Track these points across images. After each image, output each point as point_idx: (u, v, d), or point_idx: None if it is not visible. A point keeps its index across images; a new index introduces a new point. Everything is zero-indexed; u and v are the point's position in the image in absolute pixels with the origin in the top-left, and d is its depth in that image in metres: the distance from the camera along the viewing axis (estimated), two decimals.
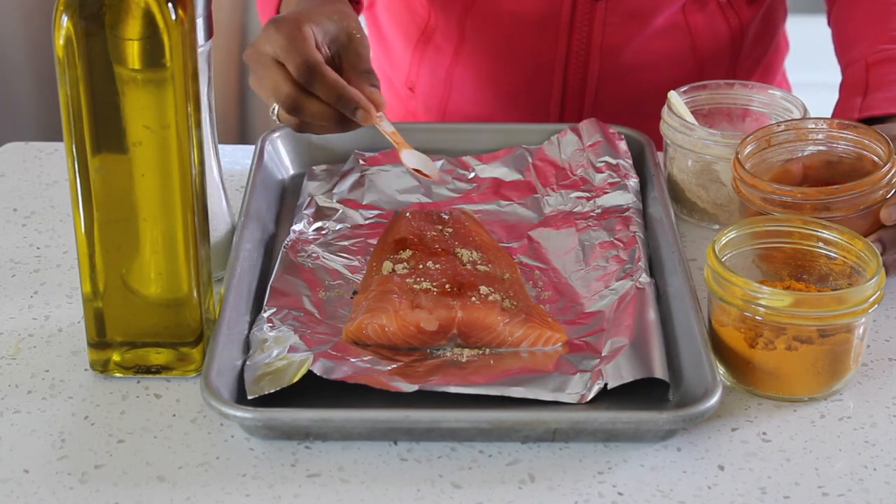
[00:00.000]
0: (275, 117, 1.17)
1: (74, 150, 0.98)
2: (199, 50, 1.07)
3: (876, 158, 1.14)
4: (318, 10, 1.20)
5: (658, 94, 1.29)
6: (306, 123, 1.17)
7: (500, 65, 1.44)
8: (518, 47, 1.42)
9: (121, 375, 1.04)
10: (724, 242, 1.05)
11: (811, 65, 1.68)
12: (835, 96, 1.30)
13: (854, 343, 1.02)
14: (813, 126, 1.18)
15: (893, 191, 1.11)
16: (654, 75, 1.43)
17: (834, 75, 1.35)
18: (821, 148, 1.18)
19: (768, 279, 1.08)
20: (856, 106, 1.24)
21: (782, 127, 1.19)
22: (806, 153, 1.17)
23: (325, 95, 1.14)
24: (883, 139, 1.14)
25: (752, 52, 1.48)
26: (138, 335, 1.03)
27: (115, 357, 1.03)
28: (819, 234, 1.06)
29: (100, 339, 1.03)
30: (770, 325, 1.00)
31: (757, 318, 1.00)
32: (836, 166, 1.16)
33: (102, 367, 1.04)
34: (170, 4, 0.94)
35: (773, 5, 1.49)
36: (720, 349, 1.04)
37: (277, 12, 1.34)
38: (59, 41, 0.94)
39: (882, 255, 1.06)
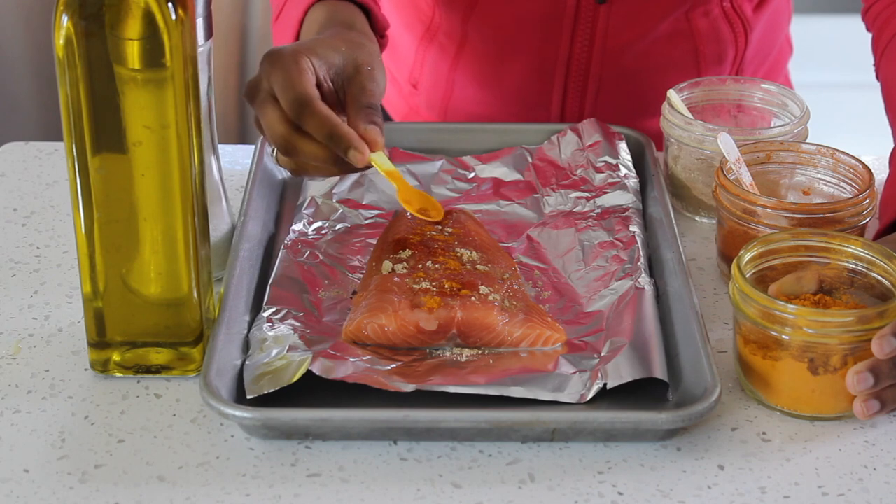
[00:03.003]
0: (274, 158, 1.12)
1: (74, 149, 0.98)
2: (199, 50, 1.07)
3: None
4: (323, 41, 1.13)
5: (659, 98, 1.29)
6: (303, 166, 1.10)
7: (502, 65, 1.44)
8: (520, 48, 1.42)
9: (121, 375, 1.04)
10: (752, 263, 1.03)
11: (815, 65, 1.68)
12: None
13: None
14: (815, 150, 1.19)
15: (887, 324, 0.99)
16: (656, 79, 1.43)
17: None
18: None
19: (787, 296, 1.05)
20: None
21: (785, 145, 1.19)
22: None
23: (317, 133, 1.06)
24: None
25: (756, 56, 1.48)
26: (138, 335, 1.03)
27: (115, 357, 1.03)
28: (811, 243, 1.06)
29: (100, 339, 1.03)
30: (832, 347, 0.98)
31: (822, 342, 0.98)
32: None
33: (102, 367, 1.04)
34: (170, 4, 0.94)
35: (778, 9, 1.48)
36: (765, 375, 1.01)
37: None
38: (59, 41, 0.94)
39: (873, 387, 0.98)
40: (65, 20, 0.93)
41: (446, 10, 1.43)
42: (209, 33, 1.09)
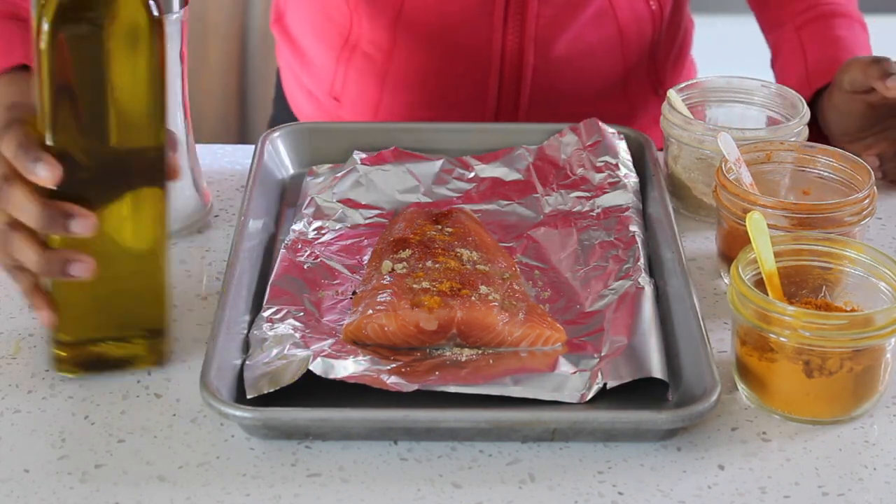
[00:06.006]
0: None
1: None
2: (174, 17, 1.10)
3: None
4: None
5: (591, 84, 1.30)
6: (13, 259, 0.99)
7: (434, 64, 1.43)
8: (451, 46, 1.41)
9: (81, 375, 1.03)
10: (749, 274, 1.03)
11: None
12: None
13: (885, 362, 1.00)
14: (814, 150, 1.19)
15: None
16: (587, 64, 1.43)
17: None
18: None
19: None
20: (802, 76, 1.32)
21: (785, 145, 1.19)
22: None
23: (7, 149, 0.97)
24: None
25: (668, 34, 1.49)
26: (95, 329, 1.02)
27: (70, 353, 1.03)
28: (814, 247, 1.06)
29: (57, 336, 1.02)
30: (829, 350, 0.98)
31: (819, 345, 0.97)
32: None
33: (61, 365, 1.03)
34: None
35: None
36: (761, 377, 1.01)
37: None
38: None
39: (880, 167, 1.20)
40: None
41: (369, 19, 1.42)
42: (183, 2, 1.13)
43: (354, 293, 1.11)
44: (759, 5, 1.46)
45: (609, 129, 1.30)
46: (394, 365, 1.02)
